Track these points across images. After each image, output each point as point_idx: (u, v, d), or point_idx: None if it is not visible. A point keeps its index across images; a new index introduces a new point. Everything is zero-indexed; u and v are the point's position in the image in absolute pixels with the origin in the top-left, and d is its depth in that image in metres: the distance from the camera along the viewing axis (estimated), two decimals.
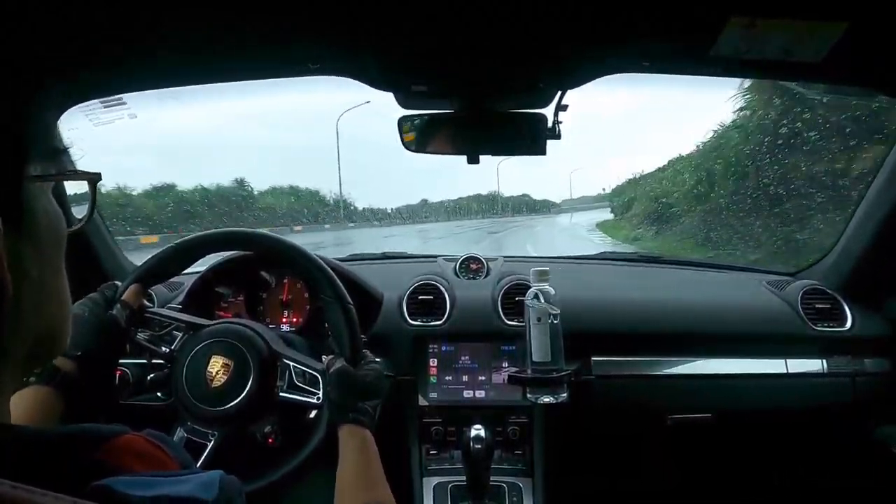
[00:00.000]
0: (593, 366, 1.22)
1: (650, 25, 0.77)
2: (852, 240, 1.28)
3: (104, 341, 0.80)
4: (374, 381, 0.82)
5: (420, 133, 1.02)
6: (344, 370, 0.81)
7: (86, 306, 0.81)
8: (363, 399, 0.79)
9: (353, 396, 0.78)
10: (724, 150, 7.18)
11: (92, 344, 0.78)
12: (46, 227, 0.37)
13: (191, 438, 0.82)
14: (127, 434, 0.35)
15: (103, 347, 0.80)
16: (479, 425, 1.05)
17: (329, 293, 0.87)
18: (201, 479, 0.33)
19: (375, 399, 0.81)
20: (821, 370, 1.22)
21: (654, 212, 9.82)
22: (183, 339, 0.86)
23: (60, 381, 0.73)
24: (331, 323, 0.86)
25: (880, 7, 0.71)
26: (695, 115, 20.98)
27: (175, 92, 0.97)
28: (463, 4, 0.70)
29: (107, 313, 0.81)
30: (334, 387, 0.80)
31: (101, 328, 0.80)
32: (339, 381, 0.80)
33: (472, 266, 1.46)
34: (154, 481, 0.31)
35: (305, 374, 0.85)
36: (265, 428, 0.87)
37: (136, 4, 0.69)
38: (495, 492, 1.14)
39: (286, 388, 0.85)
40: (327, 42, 0.83)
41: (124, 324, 0.82)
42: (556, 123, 0.99)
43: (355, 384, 0.80)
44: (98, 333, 0.79)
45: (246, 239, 0.93)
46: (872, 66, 0.87)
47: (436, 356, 1.25)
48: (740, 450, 1.35)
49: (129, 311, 0.84)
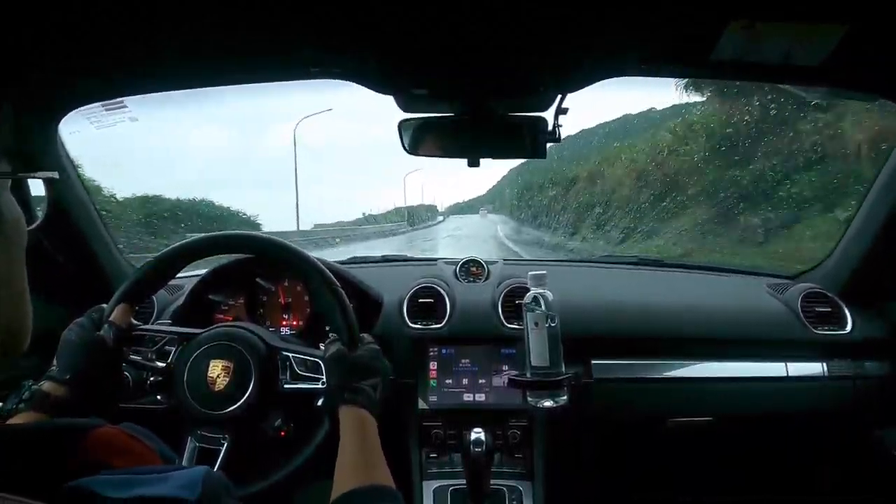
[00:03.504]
0: (593, 369, 1.22)
1: (650, 29, 0.77)
2: (852, 243, 1.28)
3: (92, 363, 0.79)
4: (370, 360, 0.82)
5: (420, 136, 1.02)
6: (338, 353, 0.81)
7: (73, 331, 0.81)
8: (360, 379, 0.78)
9: (349, 377, 0.78)
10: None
11: (81, 366, 0.77)
12: (12, 223, 0.37)
13: (203, 447, 0.82)
14: (104, 427, 0.34)
15: (92, 369, 0.79)
16: (479, 429, 1.05)
17: (315, 279, 0.87)
18: (183, 478, 0.32)
19: (373, 378, 0.80)
20: (821, 373, 1.22)
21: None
22: (178, 350, 0.86)
23: (52, 405, 0.73)
24: (323, 309, 0.87)
25: (880, 10, 0.71)
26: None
27: (175, 95, 0.98)
28: (463, 8, 0.70)
29: (94, 334, 0.81)
30: (330, 370, 0.80)
31: (89, 350, 0.80)
32: (335, 364, 0.81)
33: (472, 269, 1.46)
34: (132, 479, 0.30)
35: (306, 363, 0.85)
36: (275, 422, 0.86)
37: (138, 8, 0.69)
38: (495, 495, 1.13)
39: (289, 379, 0.85)
40: (328, 45, 0.83)
41: (112, 343, 0.82)
42: (556, 126, 0.99)
43: (351, 365, 0.80)
44: (86, 355, 0.79)
45: (225, 241, 0.94)
46: (872, 70, 0.87)
47: (436, 359, 1.25)
48: (740, 453, 1.35)
49: (117, 330, 0.83)
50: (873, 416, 1.23)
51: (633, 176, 9.95)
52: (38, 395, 0.73)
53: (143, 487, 0.30)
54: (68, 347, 0.79)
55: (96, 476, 0.29)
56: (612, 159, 11.59)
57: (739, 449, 1.34)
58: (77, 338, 0.80)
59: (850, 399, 1.21)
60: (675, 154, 8.82)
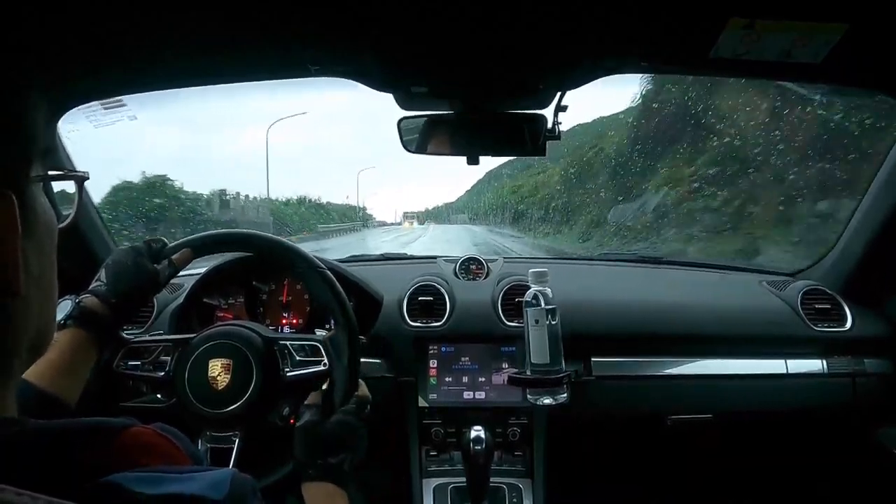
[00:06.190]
0: (593, 367, 1.22)
1: (650, 26, 0.77)
2: (852, 240, 1.28)
3: (142, 293, 0.81)
4: (342, 433, 0.78)
5: (420, 134, 1.02)
6: (309, 424, 0.78)
7: (129, 255, 0.80)
8: (328, 455, 0.75)
9: (316, 453, 0.75)
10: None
11: (130, 293, 0.79)
12: (44, 224, 0.37)
13: (215, 447, 0.82)
14: (136, 427, 0.35)
15: (140, 298, 0.81)
16: (479, 427, 1.05)
17: (315, 277, 0.88)
18: (211, 477, 0.32)
19: (343, 453, 0.76)
20: (821, 371, 1.22)
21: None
22: (175, 356, 0.85)
23: (95, 324, 0.74)
24: (315, 296, 0.87)
25: (880, 8, 0.71)
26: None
27: (174, 93, 0.98)
28: (463, 6, 0.70)
29: (150, 266, 0.82)
30: (297, 443, 0.77)
31: (142, 280, 0.80)
32: (303, 435, 0.77)
33: (472, 267, 1.46)
34: (162, 478, 0.30)
35: (305, 348, 0.86)
36: (283, 411, 0.86)
37: (138, 6, 0.69)
38: (495, 493, 1.14)
39: (291, 367, 0.85)
40: (327, 44, 0.82)
41: (164, 282, 0.84)
42: (555, 124, 0.99)
43: (320, 439, 0.76)
44: (138, 284, 0.80)
45: (227, 239, 0.95)
46: (873, 67, 0.87)
47: (436, 357, 1.25)
48: (740, 450, 1.35)
49: (173, 271, 0.85)
50: (873, 414, 1.23)
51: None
52: (86, 313, 0.74)
53: (171, 485, 0.30)
54: (123, 270, 0.79)
55: (126, 472, 0.29)
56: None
57: (739, 446, 1.34)
58: (133, 264, 0.80)
59: (849, 396, 1.21)
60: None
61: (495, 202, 24.12)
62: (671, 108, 8.27)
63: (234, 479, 0.33)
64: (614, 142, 11.32)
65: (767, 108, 5.96)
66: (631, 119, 10.30)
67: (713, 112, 7.24)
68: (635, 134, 9.57)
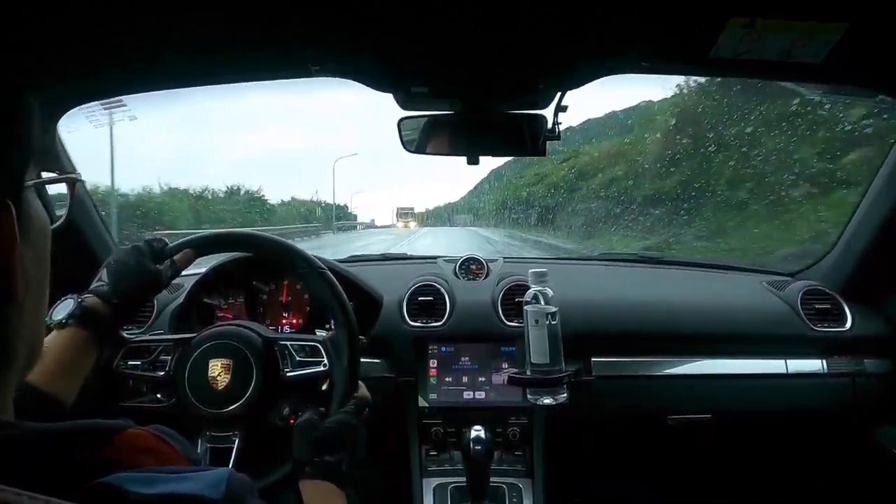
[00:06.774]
0: (593, 366, 1.22)
1: (650, 26, 0.77)
2: (852, 240, 1.28)
3: (143, 293, 0.81)
4: (340, 432, 0.77)
5: (420, 134, 1.02)
6: (306, 423, 0.78)
7: (131, 255, 0.80)
8: (325, 454, 0.74)
9: (313, 451, 0.74)
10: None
11: (132, 293, 0.79)
12: (39, 227, 0.37)
13: (214, 447, 0.82)
14: (132, 428, 0.35)
15: (141, 299, 0.81)
16: (479, 426, 1.05)
17: (301, 265, 0.88)
18: (209, 477, 0.32)
19: (341, 452, 0.75)
20: (821, 370, 1.22)
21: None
22: (175, 356, 0.85)
23: (95, 324, 0.74)
24: (315, 296, 0.87)
25: (880, 8, 0.71)
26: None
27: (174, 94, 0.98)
28: (463, 6, 0.70)
29: (153, 266, 0.81)
30: (295, 441, 0.76)
31: (144, 280, 0.80)
32: (301, 434, 0.77)
33: (472, 267, 1.46)
34: (158, 478, 0.30)
35: (305, 348, 0.86)
36: (283, 411, 0.86)
37: (138, 6, 0.69)
38: (495, 493, 1.13)
39: (291, 367, 0.85)
40: (328, 44, 0.83)
41: (166, 282, 0.84)
42: (555, 124, 0.99)
43: (317, 438, 0.76)
44: (140, 284, 0.80)
45: (227, 239, 0.95)
46: (873, 67, 0.87)
47: (436, 357, 1.25)
48: (740, 450, 1.35)
49: (175, 271, 0.85)
50: (873, 413, 1.23)
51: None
52: (88, 313, 0.74)
53: (169, 484, 0.30)
54: (125, 270, 0.79)
55: (122, 473, 0.29)
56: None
57: (739, 446, 1.34)
58: (135, 264, 0.80)
59: (849, 396, 1.21)
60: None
61: (513, 196, 19.21)
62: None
63: (231, 478, 0.33)
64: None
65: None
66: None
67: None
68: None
